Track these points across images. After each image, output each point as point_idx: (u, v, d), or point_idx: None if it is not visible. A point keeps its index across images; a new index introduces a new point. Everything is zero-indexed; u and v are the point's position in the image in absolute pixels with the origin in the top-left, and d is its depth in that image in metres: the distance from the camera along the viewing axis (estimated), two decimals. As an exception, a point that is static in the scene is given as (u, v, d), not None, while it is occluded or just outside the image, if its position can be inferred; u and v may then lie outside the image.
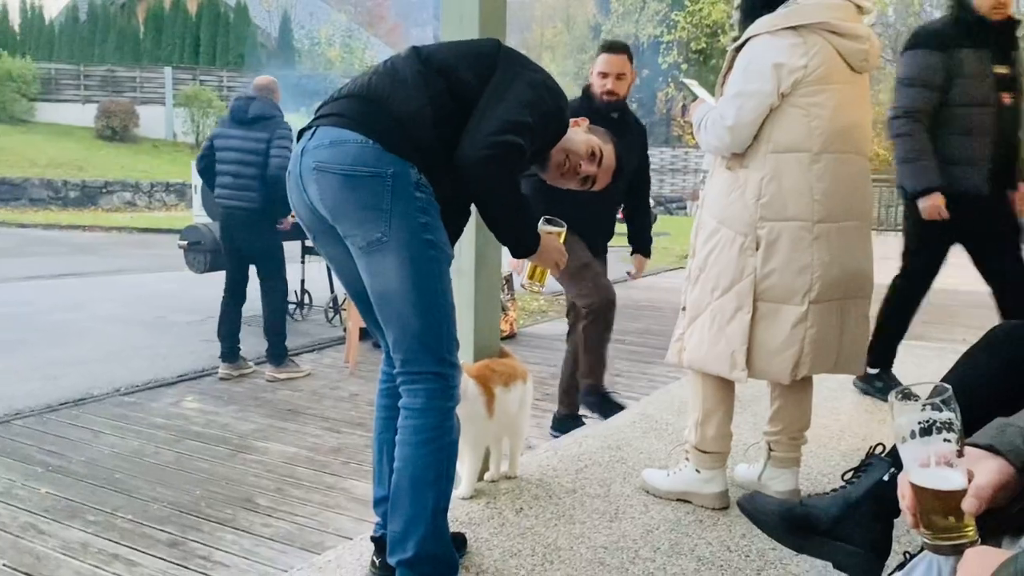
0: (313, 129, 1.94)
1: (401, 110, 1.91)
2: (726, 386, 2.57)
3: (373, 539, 2.19)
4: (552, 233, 2.21)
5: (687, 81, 2.78)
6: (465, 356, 2.75)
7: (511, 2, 2.78)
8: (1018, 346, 1.86)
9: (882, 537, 1.92)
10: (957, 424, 0.97)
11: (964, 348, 1.94)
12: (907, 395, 0.99)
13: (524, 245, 2.06)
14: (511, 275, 6.07)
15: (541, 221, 2.22)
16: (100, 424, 3.98)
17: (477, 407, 2.50)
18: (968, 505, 0.95)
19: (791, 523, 1.99)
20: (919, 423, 0.97)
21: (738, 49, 2.43)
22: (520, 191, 1.99)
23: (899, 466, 1.88)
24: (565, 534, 2.43)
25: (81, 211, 18.00)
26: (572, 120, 2.22)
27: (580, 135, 2.23)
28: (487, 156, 1.85)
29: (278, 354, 4.85)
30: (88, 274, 9.53)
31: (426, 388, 1.95)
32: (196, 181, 8.41)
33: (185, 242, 6.15)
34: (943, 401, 0.96)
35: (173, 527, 2.83)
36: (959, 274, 3.75)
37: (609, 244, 3.88)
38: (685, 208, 22.36)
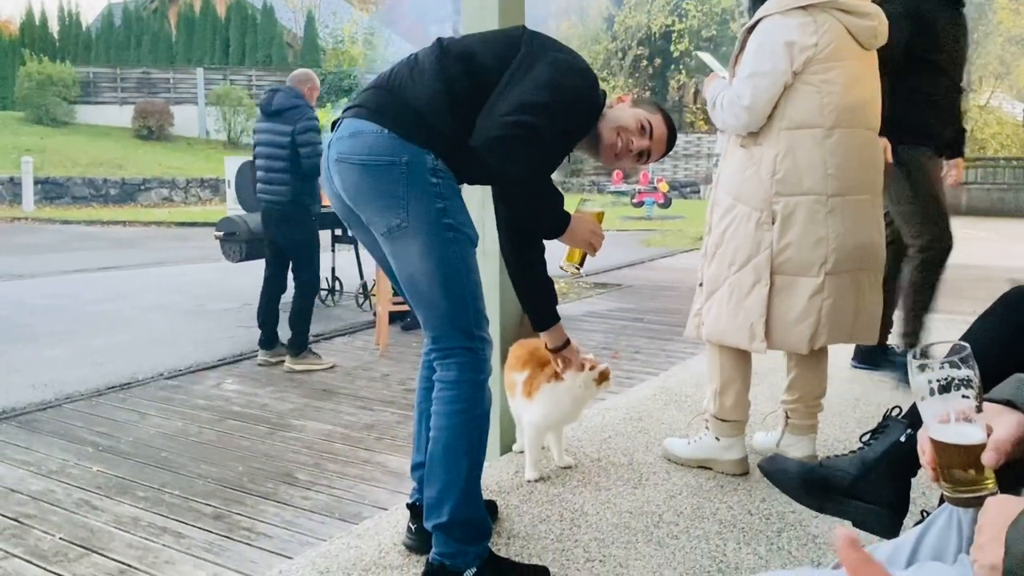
0: (340, 121, 2.02)
1: (416, 97, 1.95)
2: (743, 357, 2.65)
3: (409, 506, 2.29)
4: (589, 214, 2.20)
5: (702, 55, 2.85)
6: (491, 334, 2.85)
7: (526, -2, 2.84)
8: (1031, 311, 1.91)
9: (900, 495, 1.96)
10: (976, 381, 0.98)
11: (972, 319, 2.00)
12: (926, 354, 1.01)
13: (547, 227, 2.10)
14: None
15: (579, 201, 2.25)
16: (146, 406, 4.15)
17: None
18: (988, 459, 0.97)
19: (810, 484, 2.05)
20: (938, 380, 0.98)
21: (749, 30, 2.49)
22: (538, 172, 2.00)
23: (915, 427, 1.94)
24: (591, 500, 2.52)
25: (121, 207, 18.39)
26: (617, 96, 2.22)
27: (627, 111, 2.17)
28: (499, 137, 1.87)
29: (299, 345, 4.86)
30: (129, 267, 9.78)
31: (458, 362, 2.03)
32: (230, 176, 8.59)
33: (221, 233, 6.32)
34: (961, 359, 0.98)
35: (218, 501, 2.96)
36: (966, 248, 3.78)
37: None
38: (699, 192, 22.28)
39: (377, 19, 31.60)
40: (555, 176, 2.23)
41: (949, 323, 4.41)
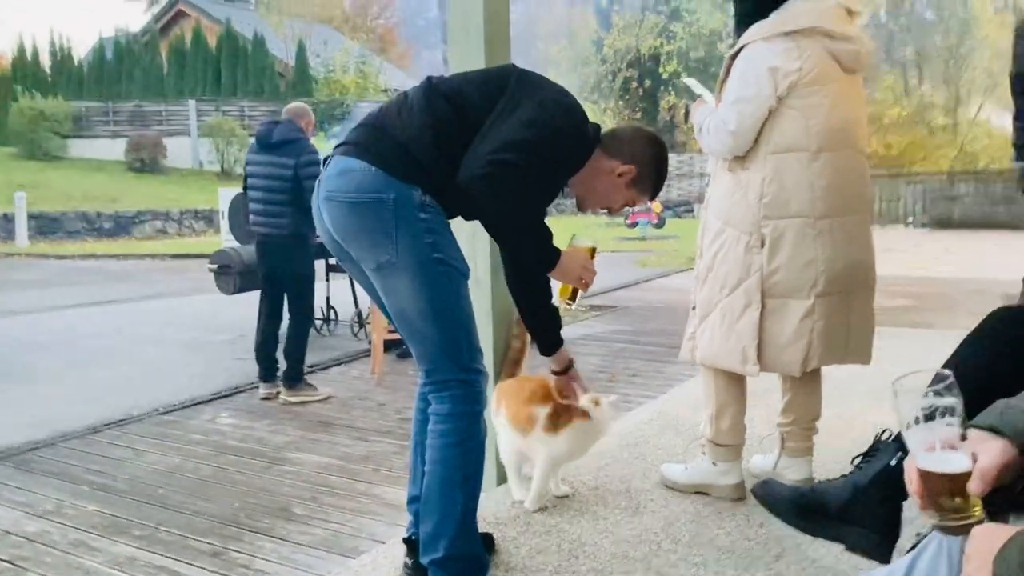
0: (330, 159, 2.05)
1: (403, 133, 1.97)
2: (738, 380, 2.65)
3: (405, 541, 2.28)
4: (580, 249, 2.21)
5: (687, 80, 2.88)
6: (486, 366, 2.85)
7: (515, 21, 2.88)
8: (1017, 330, 1.92)
9: (891, 519, 1.96)
10: (959, 408, 0.99)
11: (966, 334, 2.01)
12: (909, 383, 1.02)
13: (538, 262, 2.11)
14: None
15: (571, 237, 2.27)
16: (142, 442, 4.13)
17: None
18: (974, 487, 0.98)
19: (802, 508, 2.05)
20: (922, 409, 0.99)
21: (734, 56, 2.51)
22: (524, 209, 1.99)
23: (906, 450, 1.94)
24: (589, 529, 2.51)
25: (115, 240, 18.39)
26: (619, 172, 2.20)
27: (620, 191, 2.23)
28: (483, 175, 1.88)
29: (293, 377, 4.84)
30: (124, 300, 9.77)
31: (452, 395, 2.03)
32: (223, 207, 8.60)
33: (215, 265, 6.31)
34: (945, 387, 0.99)
35: (215, 538, 2.95)
36: (959, 261, 3.79)
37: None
38: (692, 211, 22.44)
39: (368, 47, 31.85)
40: None
41: (944, 339, 4.42)
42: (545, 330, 2.39)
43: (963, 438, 1.01)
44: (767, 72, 2.41)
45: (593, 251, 2.26)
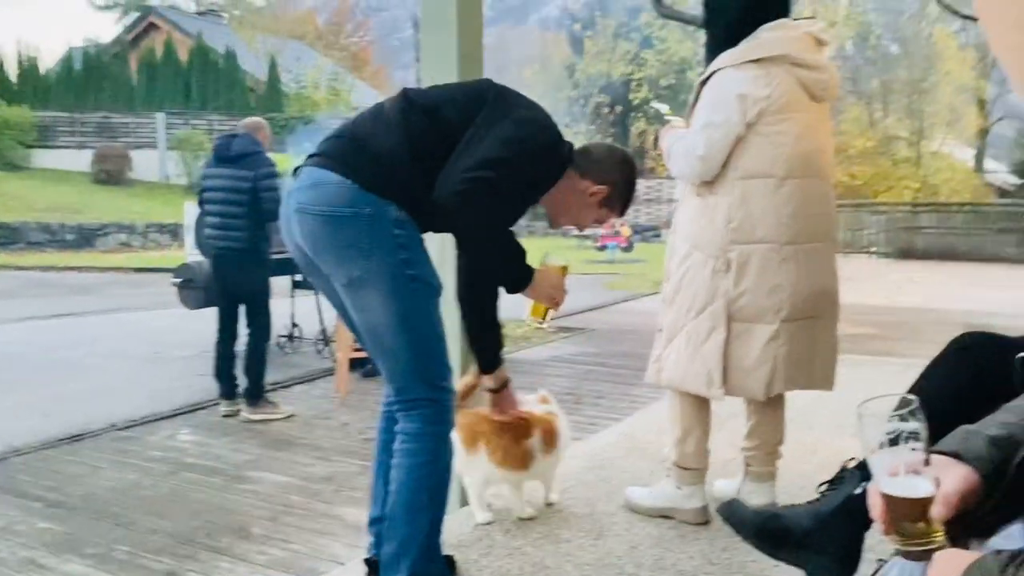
0: (301, 170, 2.01)
1: (379, 148, 1.95)
2: (703, 404, 2.65)
3: (366, 561, 2.25)
4: (552, 268, 2.21)
5: (657, 105, 2.91)
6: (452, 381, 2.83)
7: (488, 43, 2.89)
8: (980, 356, 1.95)
9: (852, 549, 1.97)
10: (923, 433, 1.00)
11: (927, 363, 2.03)
12: (874, 407, 1.02)
13: (511, 281, 2.10)
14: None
15: (543, 255, 2.26)
16: (97, 459, 4.04)
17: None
18: (937, 512, 0.99)
19: (766, 531, 2.06)
20: (887, 434, 1.00)
21: (704, 82, 2.54)
22: (500, 226, 2.00)
23: (870, 478, 1.96)
24: (552, 553, 2.49)
25: (77, 253, 18.08)
26: (591, 191, 2.23)
27: (592, 209, 2.27)
28: (459, 192, 1.88)
29: (254, 394, 4.79)
30: (85, 313, 9.59)
31: (421, 414, 2.01)
32: (189, 221, 8.50)
33: (179, 280, 6.23)
34: (909, 412, 1.00)
35: (170, 558, 2.88)
36: (921, 291, 3.85)
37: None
38: (660, 236, 22.65)
39: (342, 65, 31.85)
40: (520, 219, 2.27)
41: (906, 367, 4.48)
42: (492, 347, 2.37)
43: (927, 463, 1.01)
44: (736, 99, 2.44)
45: (565, 270, 2.26)
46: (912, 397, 1.01)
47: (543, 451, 2.65)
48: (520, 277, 2.07)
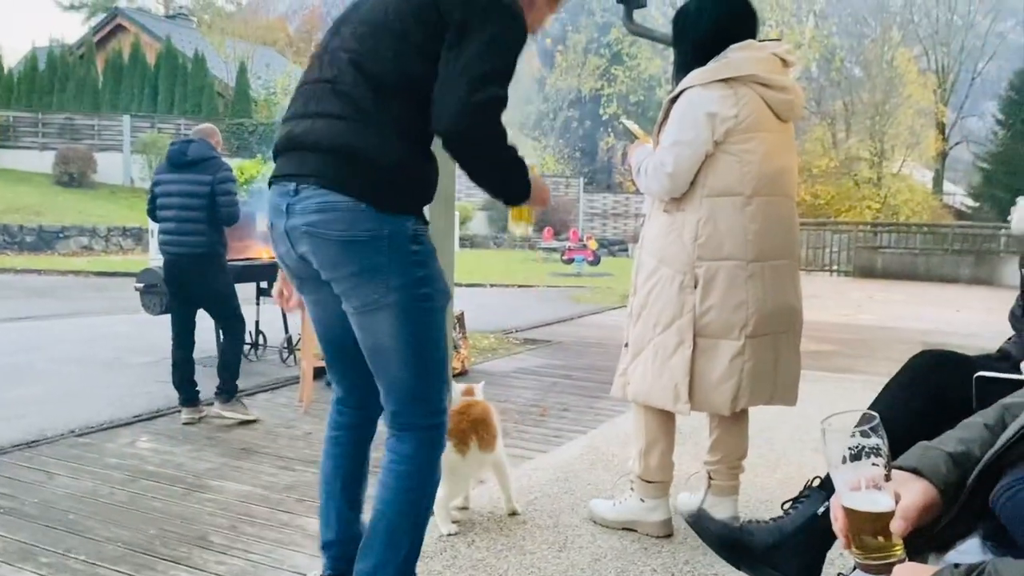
0: (295, 186, 1.86)
1: (383, 162, 1.83)
2: (667, 418, 2.68)
3: None
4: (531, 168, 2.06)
5: (626, 122, 2.93)
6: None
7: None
8: (937, 375, 1.99)
9: (813, 566, 2.01)
10: (884, 449, 1.02)
11: (887, 380, 2.08)
12: (837, 423, 1.04)
13: (520, 195, 1.98)
14: (463, 314, 6.18)
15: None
16: (54, 465, 3.95)
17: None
18: (896, 526, 1.01)
19: (730, 543, 2.08)
20: (849, 449, 1.02)
21: (673, 100, 2.57)
22: (507, 140, 1.85)
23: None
24: (516, 565, 2.49)
25: (37, 255, 17.75)
26: None
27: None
28: (470, 125, 1.76)
29: (228, 391, 4.75)
30: (44, 317, 9.41)
31: (416, 436, 1.96)
32: (153, 225, 8.40)
33: (141, 284, 6.15)
34: (871, 428, 1.02)
35: (127, 567, 2.83)
36: (881, 310, 3.92)
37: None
38: (627, 250, 22.84)
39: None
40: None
41: (865, 383, 4.57)
42: (518, 184, 1.98)
43: (887, 478, 1.03)
44: (705, 117, 2.47)
45: (534, 168, 2.12)
46: (874, 413, 1.03)
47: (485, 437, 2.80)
48: (527, 188, 1.96)
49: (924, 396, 1.92)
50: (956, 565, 0.90)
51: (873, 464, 1.02)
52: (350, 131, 1.83)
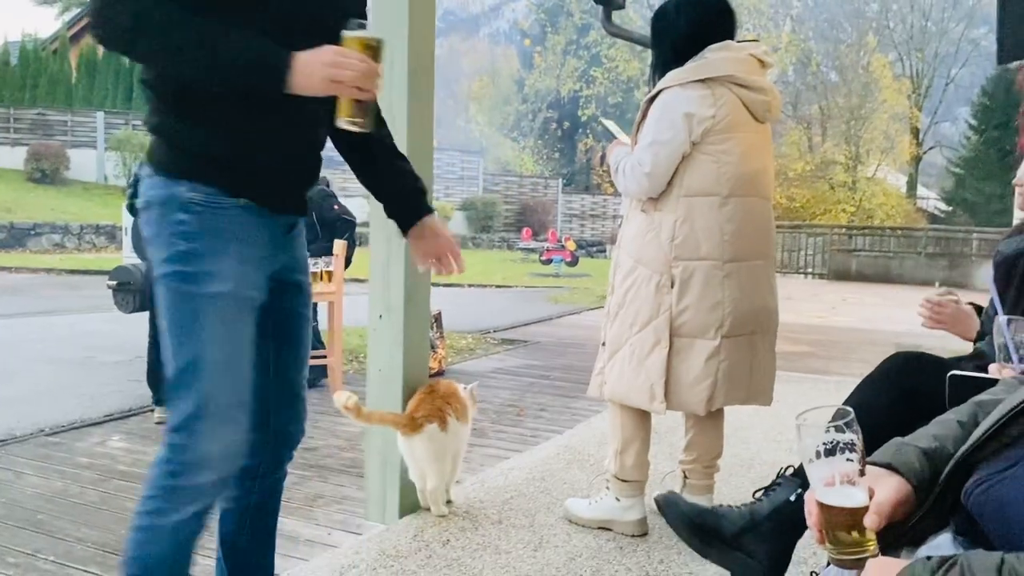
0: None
1: (150, 123, 1.62)
2: (643, 417, 2.68)
3: None
4: (346, 40, 1.51)
5: (604, 121, 2.94)
6: (394, 394, 2.82)
7: (439, 55, 2.90)
8: (910, 375, 2.01)
9: (781, 554, 2.02)
10: (859, 444, 1.02)
11: (860, 380, 2.09)
12: (812, 418, 1.05)
13: (202, 77, 1.50)
14: (440, 313, 6.15)
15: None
16: (22, 464, 3.89)
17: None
18: (870, 521, 1.01)
19: (698, 527, 2.09)
20: (823, 444, 1.02)
21: (651, 100, 2.58)
22: (142, 32, 1.43)
23: (806, 487, 2.00)
24: (491, 564, 2.48)
25: (8, 253, 17.50)
26: None
27: None
28: (93, 25, 1.45)
29: None
30: (14, 315, 9.27)
31: (162, 450, 1.63)
32: (126, 223, 8.30)
33: (114, 282, 6.06)
34: (846, 423, 1.02)
35: (97, 567, 2.79)
36: (855, 312, 3.96)
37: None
38: (605, 251, 22.93)
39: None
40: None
41: (839, 384, 4.62)
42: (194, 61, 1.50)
43: (861, 474, 1.04)
44: (683, 118, 2.48)
45: (367, 45, 1.52)
46: (848, 409, 1.04)
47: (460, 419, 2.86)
48: (252, 61, 1.47)
49: (896, 395, 1.93)
50: (928, 558, 0.90)
51: (847, 460, 1.02)
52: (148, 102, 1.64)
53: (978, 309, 2.26)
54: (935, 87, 31.95)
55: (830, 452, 1.02)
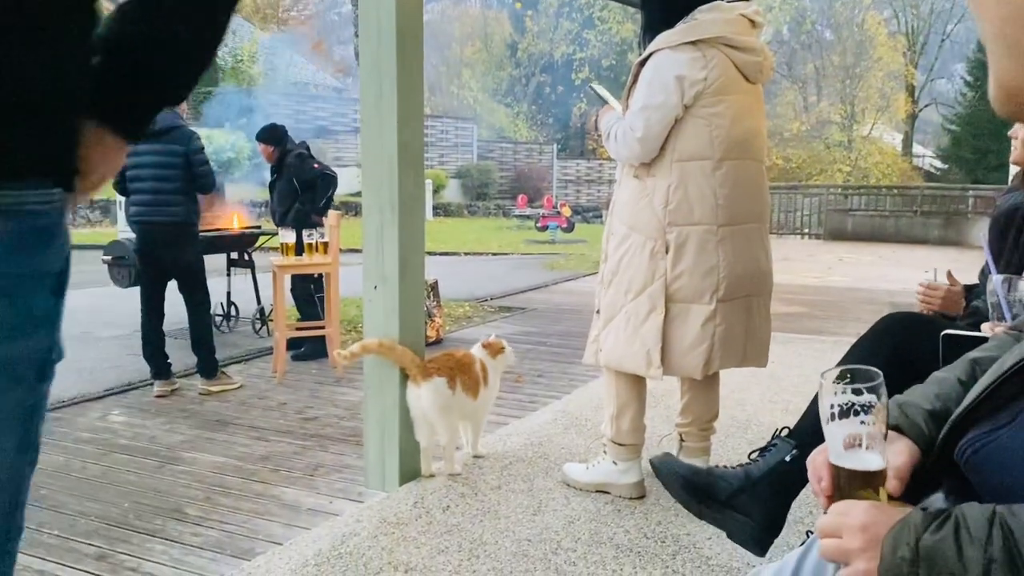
0: None
1: None
2: (639, 382, 2.70)
3: None
4: None
5: (595, 87, 2.90)
6: (391, 364, 2.84)
7: (430, 21, 2.87)
8: (903, 335, 2.02)
9: (777, 514, 2.03)
10: (878, 407, 0.98)
11: (855, 340, 2.10)
12: (833, 377, 1.01)
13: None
14: (436, 282, 6.16)
15: None
16: (24, 441, 3.92)
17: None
18: (892, 487, 1.00)
19: (694, 487, 2.09)
20: (841, 405, 0.99)
21: (641, 63, 2.55)
22: None
23: (801, 448, 2.01)
24: (491, 529, 2.51)
25: (0, 230, 17.45)
26: None
27: None
28: None
29: (211, 367, 4.77)
30: (9, 293, 9.26)
31: None
32: (121, 197, 8.26)
33: (109, 257, 6.06)
34: (867, 387, 0.98)
35: (101, 540, 2.82)
36: (851, 272, 3.96)
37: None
38: (600, 217, 22.87)
39: (279, 40, 31.16)
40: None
41: (835, 345, 4.63)
42: None
43: (885, 437, 1.01)
44: (674, 80, 2.46)
45: None
46: (874, 370, 1.00)
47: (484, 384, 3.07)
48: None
49: (890, 354, 1.94)
50: (924, 509, 0.91)
51: (862, 423, 0.99)
52: None
53: (968, 289, 2.28)
54: (930, 44, 31.68)
55: (845, 414, 0.99)
